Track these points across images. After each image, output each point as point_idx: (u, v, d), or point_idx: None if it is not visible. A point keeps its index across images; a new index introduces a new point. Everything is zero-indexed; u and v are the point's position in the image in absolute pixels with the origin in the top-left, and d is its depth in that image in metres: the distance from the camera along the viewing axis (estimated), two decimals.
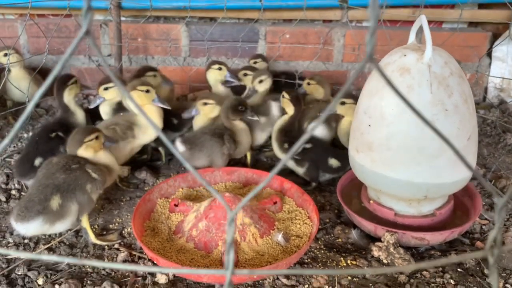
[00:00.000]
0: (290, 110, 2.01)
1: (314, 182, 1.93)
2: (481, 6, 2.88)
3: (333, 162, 1.90)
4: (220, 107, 1.99)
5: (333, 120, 2.08)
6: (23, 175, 1.74)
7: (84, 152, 1.58)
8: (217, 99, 2.03)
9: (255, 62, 2.50)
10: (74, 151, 1.59)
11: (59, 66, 0.37)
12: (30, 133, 2.32)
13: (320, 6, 2.76)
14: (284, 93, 2.02)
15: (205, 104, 2.00)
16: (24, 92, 2.30)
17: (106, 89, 2.01)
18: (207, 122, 2.03)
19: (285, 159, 0.42)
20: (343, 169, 1.89)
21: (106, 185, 1.64)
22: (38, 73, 2.32)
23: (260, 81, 2.20)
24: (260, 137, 2.12)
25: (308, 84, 2.27)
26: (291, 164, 1.96)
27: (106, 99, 2.02)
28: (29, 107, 0.39)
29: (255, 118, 1.96)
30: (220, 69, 2.25)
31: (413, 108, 0.39)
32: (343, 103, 1.96)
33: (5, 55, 2.28)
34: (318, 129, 2.05)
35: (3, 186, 1.86)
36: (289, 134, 1.99)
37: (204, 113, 2.02)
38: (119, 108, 2.04)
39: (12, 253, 0.46)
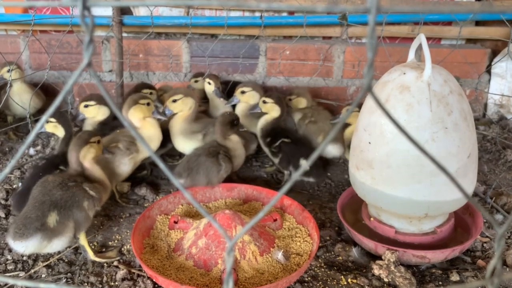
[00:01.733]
0: (276, 112, 2.10)
1: (286, 170, 2.02)
2: (478, 23, 2.91)
3: (303, 163, 1.92)
4: (191, 99, 2.03)
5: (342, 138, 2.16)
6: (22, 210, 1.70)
7: (86, 152, 1.58)
8: (184, 91, 2.05)
9: (196, 81, 2.51)
10: (78, 151, 1.58)
11: (61, 96, 0.37)
12: (31, 149, 2.32)
13: (320, 23, 2.79)
14: (265, 99, 2.11)
15: (174, 101, 2.01)
16: (25, 107, 2.31)
17: (86, 106, 2.05)
18: (185, 122, 2.05)
19: (294, 178, 0.42)
20: (309, 174, 1.97)
21: (102, 202, 1.62)
22: (40, 87, 2.33)
23: (243, 92, 2.24)
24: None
25: (290, 100, 2.36)
26: (269, 153, 2.09)
27: (87, 117, 2.07)
28: (32, 134, 0.39)
29: (245, 128, 2.04)
30: (209, 83, 2.31)
31: (408, 135, 0.39)
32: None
33: (8, 70, 2.30)
34: (332, 148, 2.15)
35: (3, 202, 1.86)
36: (273, 132, 2.07)
37: (179, 110, 2.03)
38: (102, 127, 2.06)
39: (10, 281, 0.46)
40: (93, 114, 2.07)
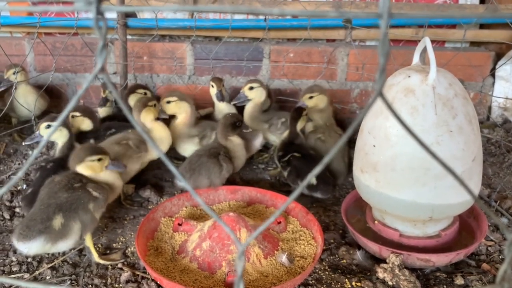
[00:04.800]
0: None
1: (293, 185, 2.00)
2: (482, 26, 2.90)
3: (312, 178, 1.92)
4: (186, 103, 2.09)
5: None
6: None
7: (82, 170, 1.58)
8: (179, 95, 2.10)
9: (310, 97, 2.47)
10: (74, 166, 1.58)
11: (73, 101, 0.38)
12: (35, 151, 2.33)
13: (324, 26, 2.79)
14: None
15: (168, 102, 2.07)
16: (29, 109, 2.32)
17: (73, 117, 2.08)
18: (184, 126, 2.10)
19: (301, 186, 0.42)
20: (316, 189, 1.91)
21: (109, 201, 1.63)
22: (44, 89, 2.34)
23: (251, 88, 2.25)
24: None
25: (311, 98, 2.22)
26: (279, 167, 2.07)
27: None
28: (44, 140, 0.40)
29: (249, 130, 2.04)
30: (212, 86, 2.32)
31: (418, 138, 0.39)
32: None
33: (14, 73, 2.31)
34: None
35: (8, 203, 1.86)
36: (289, 146, 2.05)
37: (172, 112, 2.09)
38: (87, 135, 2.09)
39: (22, 284, 0.46)
40: (78, 124, 2.09)
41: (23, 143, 1.86)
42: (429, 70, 1.41)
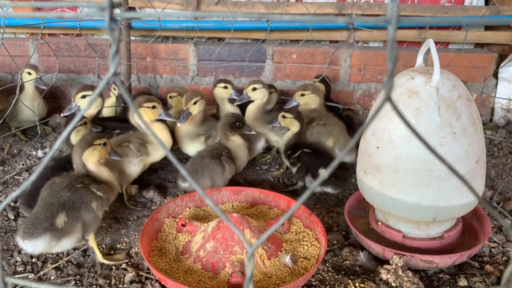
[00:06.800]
0: (295, 127, 2.07)
1: (301, 181, 2.02)
2: (487, 27, 2.90)
3: (322, 172, 1.91)
4: (204, 101, 2.11)
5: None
6: (30, 208, 1.65)
7: (89, 155, 1.59)
8: (200, 93, 2.11)
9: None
10: (81, 153, 1.59)
11: (87, 104, 0.38)
12: (39, 152, 2.34)
13: (327, 27, 2.79)
14: (284, 114, 2.08)
15: (195, 103, 2.07)
16: (34, 110, 2.33)
17: (83, 97, 2.04)
18: (193, 125, 2.11)
19: (312, 187, 0.43)
20: (327, 183, 1.92)
21: (109, 202, 1.63)
22: (48, 90, 2.35)
23: (254, 89, 2.24)
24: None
25: (302, 95, 2.27)
26: (289, 165, 2.07)
27: (82, 109, 2.05)
28: (63, 136, 0.40)
29: (253, 132, 2.01)
30: (226, 87, 2.31)
31: (423, 140, 0.39)
32: None
33: (29, 73, 2.33)
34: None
35: (12, 204, 1.87)
36: (296, 146, 2.05)
37: (197, 112, 2.10)
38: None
39: (32, 284, 0.47)
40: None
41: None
42: (432, 72, 1.41)
